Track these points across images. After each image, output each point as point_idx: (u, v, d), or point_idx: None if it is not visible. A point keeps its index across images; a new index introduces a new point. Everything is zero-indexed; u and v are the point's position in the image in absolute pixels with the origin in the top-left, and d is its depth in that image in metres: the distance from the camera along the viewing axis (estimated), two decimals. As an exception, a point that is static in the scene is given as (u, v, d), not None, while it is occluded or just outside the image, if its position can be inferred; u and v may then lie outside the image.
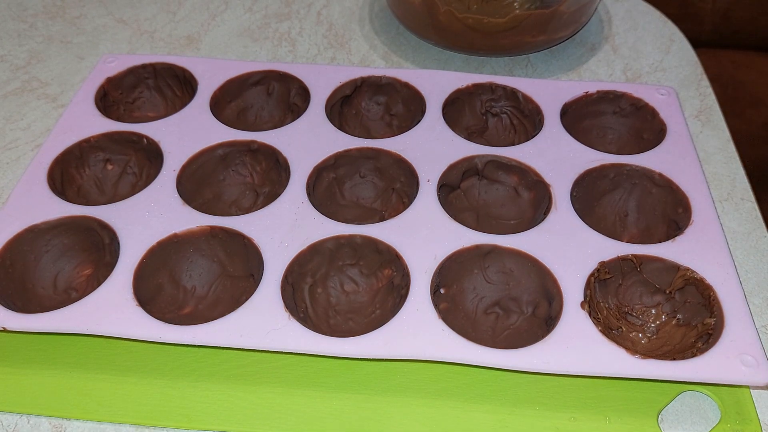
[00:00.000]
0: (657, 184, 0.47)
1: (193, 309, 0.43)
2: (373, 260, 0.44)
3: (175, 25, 0.69)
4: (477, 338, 0.38)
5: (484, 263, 0.43)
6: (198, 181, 0.48)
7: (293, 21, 0.69)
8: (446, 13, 0.58)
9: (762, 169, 0.87)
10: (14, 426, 0.39)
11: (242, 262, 0.44)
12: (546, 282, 0.41)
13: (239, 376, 0.40)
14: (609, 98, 0.53)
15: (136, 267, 0.41)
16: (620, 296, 0.43)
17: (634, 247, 0.43)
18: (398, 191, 0.49)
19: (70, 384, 0.40)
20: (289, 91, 0.55)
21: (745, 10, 1.04)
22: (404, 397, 0.40)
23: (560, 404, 0.39)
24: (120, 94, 0.55)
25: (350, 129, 0.54)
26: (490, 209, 0.49)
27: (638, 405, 0.39)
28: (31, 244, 0.43)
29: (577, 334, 0.38)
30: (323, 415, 0.39)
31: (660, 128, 0.51)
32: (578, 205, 0.46)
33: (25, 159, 0.54)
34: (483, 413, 0.39)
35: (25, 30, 0.68)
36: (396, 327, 0.38)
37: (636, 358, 0.37)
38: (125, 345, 0.41)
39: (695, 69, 0.64)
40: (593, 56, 0.65)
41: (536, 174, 0.47)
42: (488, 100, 0.54)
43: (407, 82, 0.54)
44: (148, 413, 0.39)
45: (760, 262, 0.47)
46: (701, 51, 0.67)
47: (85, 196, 0.49)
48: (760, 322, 0.44)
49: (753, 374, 0.36)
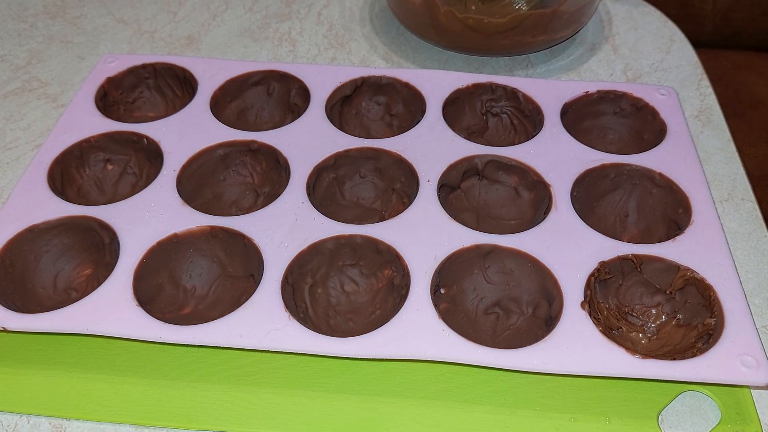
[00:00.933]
0: (657, 185, 0.47)
1: (193, 309, 0.43)
2: (373, 260, 0.44)
3: (175, 25, 0.69)
4: (477, 338, 0.38)
5: (484, 263, 0.43)
6: (198, 181, 0.48)
7: (293, 21, 0.69)
8: (447, 13, 0.58)
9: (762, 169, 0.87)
10: (14, 426, 0.39)
11: (242, 262, 0.44)
12: (546, 282, 0.41)
13: (239, 376, 0.40)
14: (609, 98, 0.53)
15: (136, 267, 0.41)
16: (620, 296, 0.43)
17: (635, 247, 0.43)
18: (398, 191, 0.49)
19: (70, 384, 0.40)
20: (289, 91, 0.55)
21: (746, 10, 1.04)
22: (404, 398, 0.40)
23: (560, 404, 0.39)
24: (120, 94, 0.55)
25: (350, 129, 0.54)
26: (490, 209, 0.49)
27: (638, 405, 0.39)
28: (31, 244, 0.43)
29: (577, 334, 0.38)
30: (323, 415, 0.39)
31: (660, 128, 0.51)
32: (578, 206, 0.46)
33: (25, 159, 0.54)
34: (483, 413, 0.39)
35: (25, 30, 0.68)
36: (396, 327, 0.38)
37: (636, 359, 0.37)
38: (125, 345, 0.41)
39: (696, 69, 0.64)
40: (593, 56, 0.65)
41: (536, 174, 0.47)
42: (488, 100, 0.54)
43: (407, 82, 0.54)
44: (147, 413, 0.39)
45: (760, 262, 0.47)
46: (702, 51, 0.67)
47: (85, 196, 0.49)
48: (761, 322, 0.44)
49: (753, 375, 0.36)
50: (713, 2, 1.04)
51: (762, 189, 0.58)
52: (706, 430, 0.39)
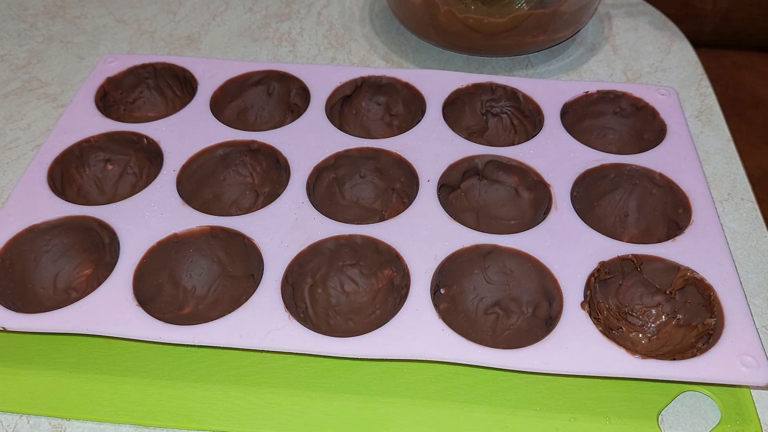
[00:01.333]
0: (657, 185, 0.47)
1: (193, 309, 0.43)
2: (373, 260, 0.43)
3: (175, 25, 0.69)
4: (477, 338, 0.38)
5: (484, 263, 0.43)
6: (198, 181, 0.48)
7: (293, 21, 0.69)
8: (447, 13, 0.58)
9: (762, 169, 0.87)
10: (14, 426, 0.39)
11: (242, 262, 0.44)
12: (546, 282, 0.41)
13: (239, 376, 0.40)
14: (609, 98, 0.53)
15: (136, 267, 0.41)
16: (620, 296, 0.43)
17: (635, 247, 0.43)
18: (398, 191, 0.49)
19: (70, 384, 0.40)
20: (289, 91, 0.55)
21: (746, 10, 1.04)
22: (404, 398, 0.40)
23: (560, 405, 0.39)
24: (120, 94, 0.55)
25: (350, 129, 0.54)
26: (490, 209, 0.49)
27: (638, 405, 0.39)
28: (31, 244, 0.43)
29: (577, 334, 0.38)
30: (323, 415, 0.39)
31: (660, 128, 0.51)
32: (578, 206, 0.46)
33: (25, 159, 0.54)
34: (483, 413, 0.39)
35: (25, 30, 0.68)
36: (396, 327, 0.38)
37: (636, 359, 0.37)
38: (125, 345, 0.41)
39: (696, 69, 0.64)
40: (593, 56, 0.65)
41: (536, 174, 0.47)
42: (488, 100, 0.54)
43: (407, 82, 0.54)
44: (147, 413, 0.39)
45: (760, 262, 0.47)
46: (702, 51, 0.67)
47: (85, 196, 0.49)
48: (761, 322, 0.44)
49: (753, 375, 0.36)
50: (713, 2, 1.04)
51: (762, 189, 0.58)
52: (706, 430, 0.39)
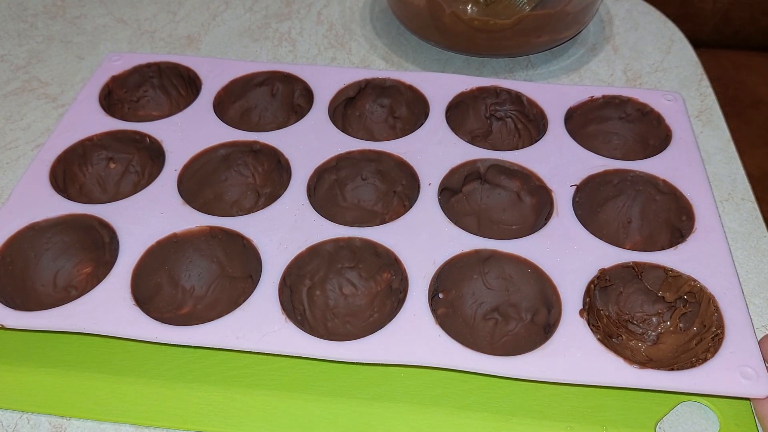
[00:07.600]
0: (661, 191, 0.47)
1: (191, 309, 0.43)
2: (371, 263, 0.43)
3: (175, 25, 0.69)
4: (475, 344, 0.38)
5: (483, 268, 0.43)
6: (199, 181, 0.48)
7: (293, 21, 0.69)
8: (451, 15, 0.58)
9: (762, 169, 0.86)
10: (14, 426, 0.39)
11: (241, 262, 0.44)
12: (545, 289, 0.41)
13: (235, 377, 0.40)
14: (614, 103, 0.53)
15: (135, 266, 0.41)
16: (621, 304, 0.43)
17: (636, 255, 0.42)
18: (399, 194, 0.49)
19: (68, 382, 0.40)
20: (293, 92, 0.55)
21: (746, 10, 1.03)
22: (400, 403, 0.39)
23: (557, 413, 0.39)
24: (124, 92, 0.55)
25: (353, 131, 0.54)
26: (491, 214, 0.49)
27: (636, 415, 0.39)
28: (32, 242, 0.43)
29: (575, 342, 0.38)
30: (318, 418, 0.39)
31: (665, 134, 0.51)
32: (581, 212, 0.46)
33: (25, 159, 0.54)
34: (479, 420, 0.39)
35: (25, 30, 0.68)
36: (392, 332, 0.38)
37: (634, 368, 0.37)
38: (123, 344, 0.41)
39: (695, 69, 0.63)
40: (594, 56, 0.64)
41: (538, 179, 0.47)
42: (492, 103, 0.54)
43: (411, 84, 0.54)
44: (144, 413, 0.39)
45: (760, 262, 0.47)
46: (701, 51, 0.67)
47: (87, 194, 0.49)
48: (761, 322, 0.44)
49: (752, 387, 0.36)
50: (713, 2, 1.03)
51: (762, 189, 0.58)
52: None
